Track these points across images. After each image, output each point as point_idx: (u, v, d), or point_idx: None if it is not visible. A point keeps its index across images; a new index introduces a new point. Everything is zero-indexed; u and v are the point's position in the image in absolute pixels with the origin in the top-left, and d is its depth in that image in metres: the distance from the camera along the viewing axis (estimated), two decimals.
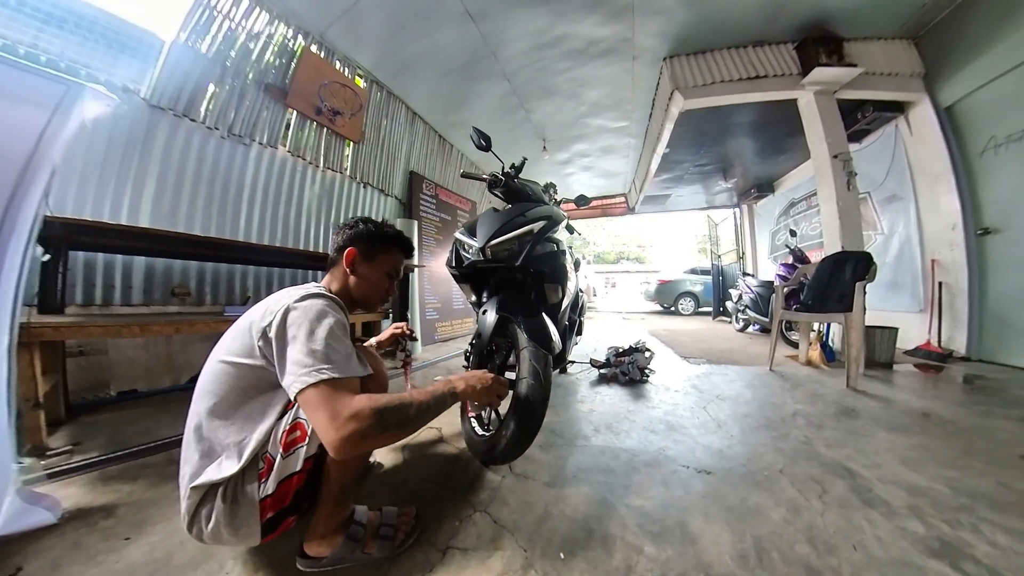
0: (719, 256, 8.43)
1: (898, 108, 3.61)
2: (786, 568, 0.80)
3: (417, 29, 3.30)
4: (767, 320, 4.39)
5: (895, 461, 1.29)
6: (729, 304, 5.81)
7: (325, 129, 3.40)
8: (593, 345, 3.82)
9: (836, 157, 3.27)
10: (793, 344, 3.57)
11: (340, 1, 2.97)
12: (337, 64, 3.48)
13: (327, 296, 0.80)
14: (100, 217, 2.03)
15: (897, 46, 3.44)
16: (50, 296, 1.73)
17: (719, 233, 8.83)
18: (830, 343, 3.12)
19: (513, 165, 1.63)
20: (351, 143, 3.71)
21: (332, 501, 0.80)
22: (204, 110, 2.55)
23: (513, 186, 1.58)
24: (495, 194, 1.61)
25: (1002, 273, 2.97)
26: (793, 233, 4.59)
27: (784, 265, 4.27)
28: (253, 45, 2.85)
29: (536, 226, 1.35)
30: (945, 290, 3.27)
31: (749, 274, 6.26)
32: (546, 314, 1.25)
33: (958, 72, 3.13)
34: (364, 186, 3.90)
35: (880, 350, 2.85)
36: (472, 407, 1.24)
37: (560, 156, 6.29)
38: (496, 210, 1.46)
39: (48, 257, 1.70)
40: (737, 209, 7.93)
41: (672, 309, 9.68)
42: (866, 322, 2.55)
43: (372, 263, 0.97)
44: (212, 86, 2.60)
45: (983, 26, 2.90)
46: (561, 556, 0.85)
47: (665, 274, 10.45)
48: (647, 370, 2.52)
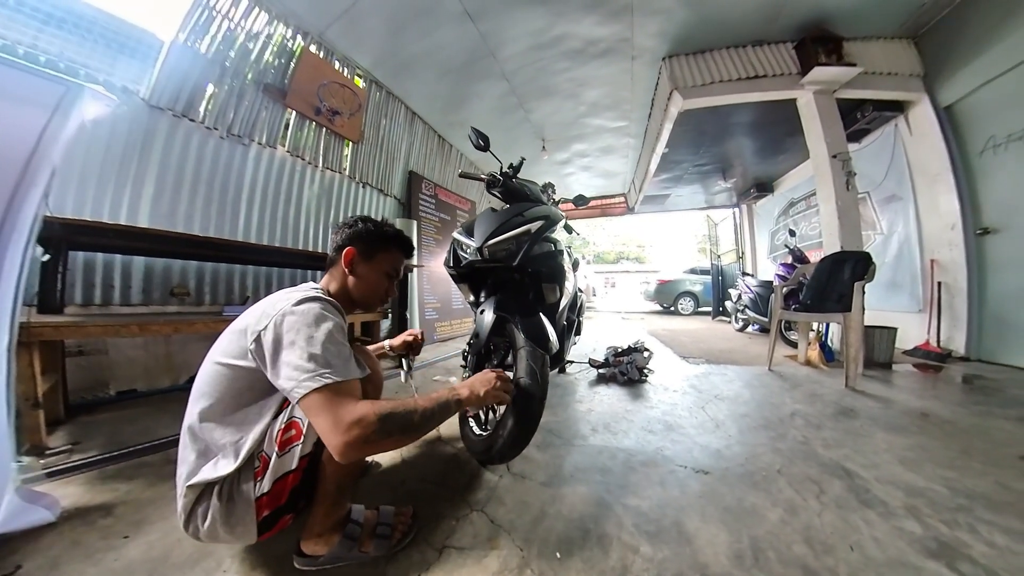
0: (718, 256, 8.44)
1: (897, 108, 3.61)
2: (783, 568, 0.80)
3: (416, 29, 3.30)
4: (766, 320, 4.40)
5: (893, 461, 1.29)
6: (728, 304, 5.81)
7: (324, 129, 3.40)
8: (592, 345, 3.82)
9: (835, 157, 3.27)
10: (792, 344, 3.57)
11: (339, 1, 2.97)
12: (336, 64, 3.49)
13: (324, 299, 0.80)
14: (100, 217, 2.03)
15: (896, 45, 3.44)
16: (50, 296, 1.74)
17: (718, 233, 8.84)
18: (829, 343, 3.12)
19: (511, 165, 1.63)
20: (350, 143, 3.72)
21: (329, 500, 0.80)
22: (203, 110, 2.55)
23: (511, 186, 1.58)
24: (493, 194, 1.62)
25: (1001, 273, 2.97)
26: (792, 233, 4.59)
27: (783, 265, 4.27)
28: (252, 45, 2.85)
29: (533, 226, 1.35)
30: (944, 290, 3.27)
31: (748, 274, 6.27)
32: (544, 314, 1.25)
33: (958, 71, 3.13)
34: (363, 186, 3.90)
35: (879, 350, 2.85)
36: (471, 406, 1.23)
37: (559, 156, 6.29)
38: (494, 210, 1.46)
39: (48, 257, 1.71)
40: (736, 209, 7.93)
41: (672, 309, 9.67)
42: (865, 322, 2.56)
43: (371, 263, 0.96)
44: (211, 86, 2.61)
45: (982, 25, 2.90)
46: (557, 555, 0.85)
47: (665, 274, 10.44)
48: (646, 370, 2.52)
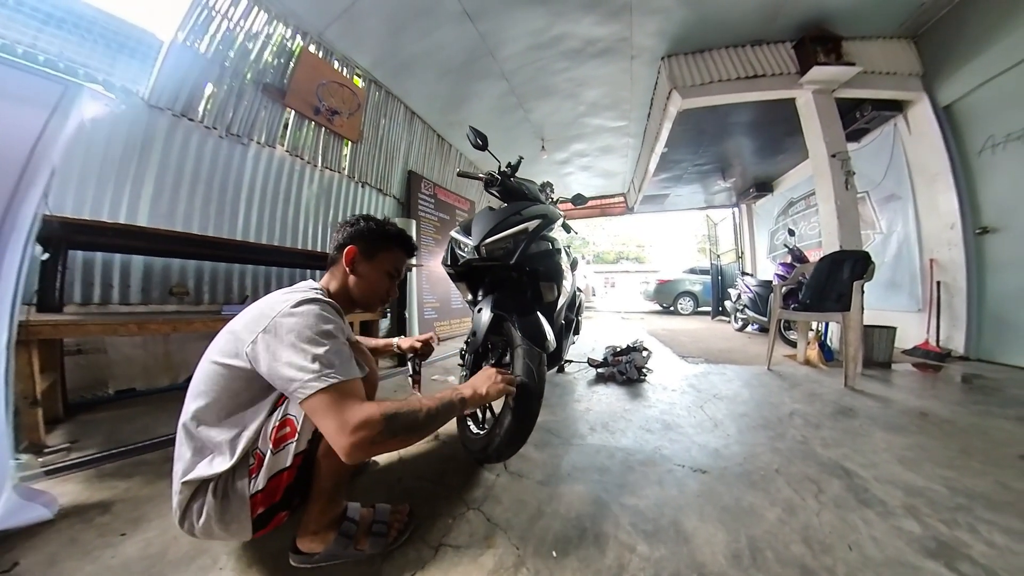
0: (718, 256, 8.44)
1: (897, 107, 3.61)
2: (781, 568, 0.80)
3: (415, 29, 3.30)
4: (765, 320, 4.39)
5: (892, 461, 1.29)
6: (728, 304, 5.80)
7: (323, 129, 3.40)
8: (591, 344, 3.81)
9: (834, 156, 3.27)
10: (791, 343, 3.57)
11: (339, 1, 2.97)
12: (335, 64, 3.49)
13: (322, 300, 0.79)
14: (99, 216, 2.03)
15: (896, 45, 3.44)
16: (49, 294, 1.74)
17: (718, 233, 8.85)
18: (828, 342, 3.12)
19: (509, 164, 1.63)
20: (349, 142, 3.71)
21: (324, 497, 0.80)
22: (202, 110, 2.55)
23: (509, 185, 1.58)
24: (491, 193, 1.62)
25: (1000, 272, 2.97)
26: (792, 232, 4.59)
27: (783, 264, 4.27)
28: (251, 45, 2.85)
29: (531, 224, 1.35)
30: (943, 289, 3.27)
31: (748, 274, 6.26)
32: (541, 313, 1.25)
33: (957, 71, 3.13)
34: (362, 185, 3.90)
35: (878, 349, 2.85)
36: None
37: (559, 156, 6.29)
38: (492, 209, 1.46)
39: (47, 256, 1.71)
40: (736, 209, 7.93)
41: (671, 309, 9.67)
42: (864, 321, 2.55)
43: (372, 262, 0.95)
44: (210, 86, 2.61)
45: (982, 25, 2.90)
46: (554, 554, 0.85)
47: (664, 274, 10.43)
48: (645, 369, 2.52)
